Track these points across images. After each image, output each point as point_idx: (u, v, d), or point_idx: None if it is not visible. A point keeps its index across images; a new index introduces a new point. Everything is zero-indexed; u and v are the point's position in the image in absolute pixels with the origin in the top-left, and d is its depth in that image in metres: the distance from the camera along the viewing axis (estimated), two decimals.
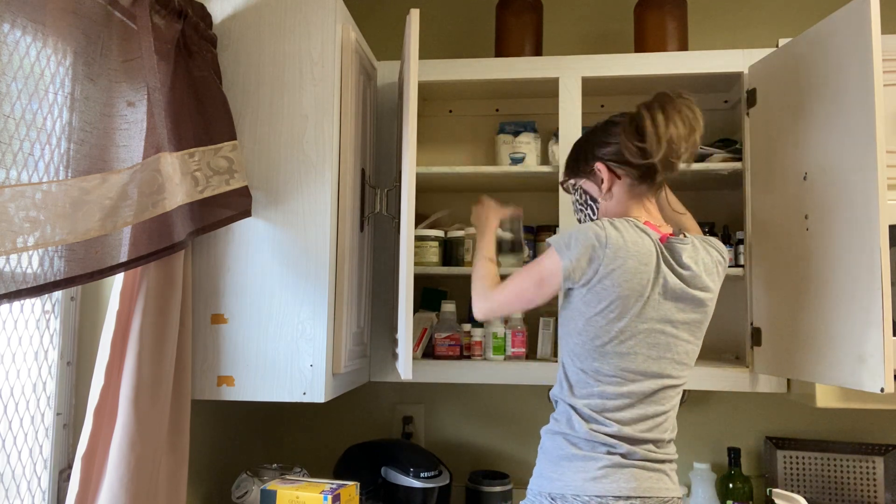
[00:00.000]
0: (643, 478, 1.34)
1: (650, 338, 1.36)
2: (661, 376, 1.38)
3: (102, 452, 1.28)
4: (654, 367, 1.37)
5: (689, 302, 1.38)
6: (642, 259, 1.34)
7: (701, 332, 1.43)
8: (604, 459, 1.34)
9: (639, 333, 1.35)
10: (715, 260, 1.45)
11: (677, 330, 1.38)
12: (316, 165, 1.56)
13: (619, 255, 1.33)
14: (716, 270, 1.44)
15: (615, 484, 1.32)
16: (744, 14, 2.29)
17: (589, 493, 1.32)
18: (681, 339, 1.39)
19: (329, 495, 1.46)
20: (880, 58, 1.39)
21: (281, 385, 1.53)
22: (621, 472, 1.33)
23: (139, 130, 1.24)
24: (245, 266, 1.56)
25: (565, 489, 1.34)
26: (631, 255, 1.33)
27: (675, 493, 1.38)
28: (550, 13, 2.36)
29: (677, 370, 1.40)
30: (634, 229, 1.37)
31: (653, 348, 1.36)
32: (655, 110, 1.37)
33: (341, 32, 1.62)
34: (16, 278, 0.99)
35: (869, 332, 1.39)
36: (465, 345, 2.01)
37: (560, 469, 1.37)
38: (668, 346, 1.37)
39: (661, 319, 1.36)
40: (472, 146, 2.31)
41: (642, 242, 1.35)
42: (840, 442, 2.07)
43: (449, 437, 2.29)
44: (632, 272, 1.33)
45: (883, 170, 1.38)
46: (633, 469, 1.34)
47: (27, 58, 1.04)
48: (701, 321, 1.42)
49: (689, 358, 1.42)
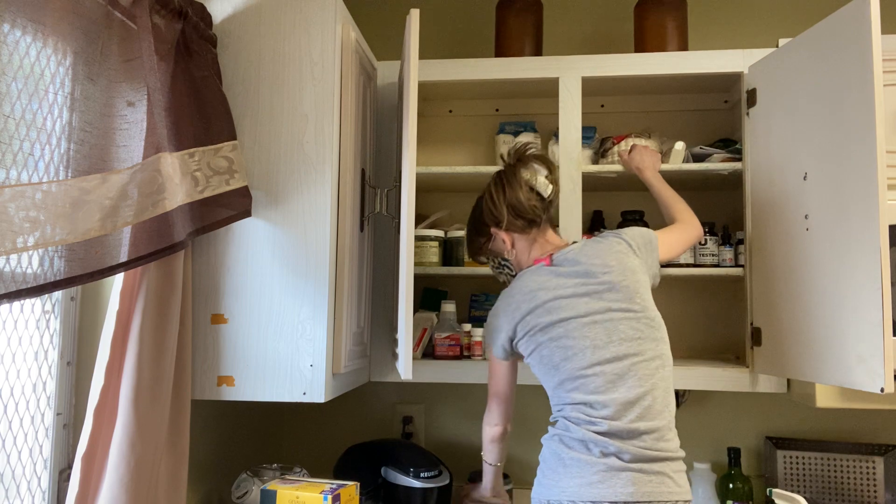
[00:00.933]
0: (642, 482, 1.34)
1: (579, 332, 1.45)
2: (621, 358, 1.42)
3: (102, 452, 1.28)
4: (606, 353, 1.43)
5: (593, 292, 1.48)
6: (529, 292, 1.52)
7: (632, 303, 1.47)
8: (599, 464, 1.35)
9: (570, 334, 1.45)
10: (608, 243, 1.56)
11: (603, 314, 1.46)
12: (316, 165, 1.56)
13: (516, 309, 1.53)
14: (610, 250, 1.53)
15: (611, 489, 1.33)
16: (744, 14, 2.29)
17: (584, 498, 1.34)
18: (614, 320, 1.45)
19: (329, 495, 1.46)
20: (880, 58, 1.39)
21: (281, 385, 1.53)
22: (618, 476, 1.34)
23: (139, 130, 1.24)
24: (245, 266, 1.56)
25: (562, 495, 1.36)
26: (522, 300, 1.52)
27: (680, 497, 1.36)
28: (550, 13, 2.36)
29: (635, 346, 1.43)
30: (520, 279, 1.56)
31: (592, 339, 1.44)
32: (493, 186, 1.62)
33: (341, 32, 1.62)
34: (16, 278, 0.99)
35: (869, 332, 1.39)
36: (465, 345, 2.01)
37: (557, 475, 1.39)
38: (606, 331, 1.44)
39: (579, 315, 1.46)
40: (472, 146, 2.31)
41: (528, 281, 1.54)
42: (840, 442, 2.07)
43: (449, 437, 2.29)
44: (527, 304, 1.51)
45: (883, 170, 1.38)
46: (631, 473, 1.34)
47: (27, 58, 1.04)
48: (625, 298, 1.47)
49: (641, 332, 1.45)
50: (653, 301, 1.52)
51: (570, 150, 1.93)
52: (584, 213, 2.19)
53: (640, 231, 1.61)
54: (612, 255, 1.52)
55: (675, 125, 2.21)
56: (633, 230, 1.61)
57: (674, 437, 1.42)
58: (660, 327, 1.48)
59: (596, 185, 2.13)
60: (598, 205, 2.23)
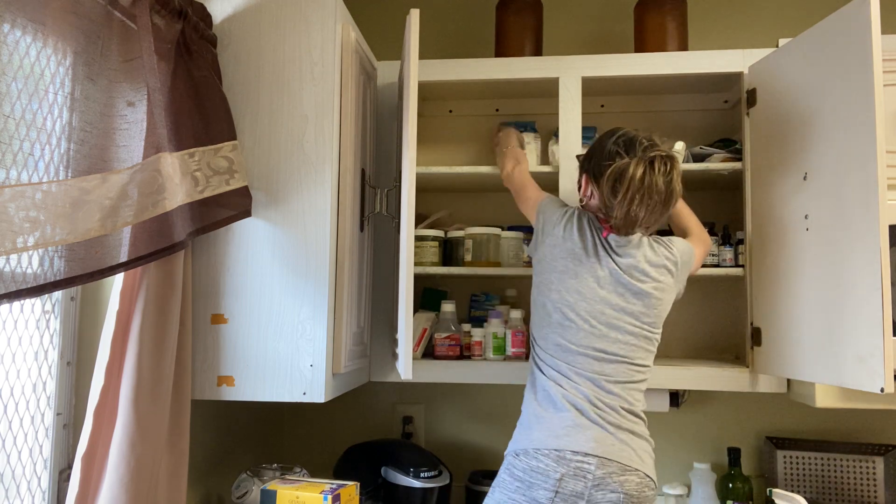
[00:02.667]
0: (605, 441, 1.43)
1: (588, 312, 1.50)
2: (610, 354, 1.49)
3: (102, 452, 1.28)
4: (599, 343, 1.50)
5: (627, 289, 1.51)
6: (577, 240, 1.53)
7: (649, 320, 1.53)
8: (568, 420, 1.45)
9: (578, 308, 1.50)
10: (661, 255, 1.56)
11: (617, 313, 1.50)
12: (316, 165, 1.56)
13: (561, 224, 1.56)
14: (663, 265, 1.55)
15: (574, 441, 1.43)
16: (744, 14, 2.29)
17: (549, 446, 1.43)
18: (623, 321, 1.50)
19: (329, 495, 1.46)
20: (880, 58, 1.39)
21: (281, 385, 1.53)
22: (583, 432, 1.44)
23: (139, 130, 1.24)
24: (245, 266, 1.56)
25: (528, 444, 1.46)
26: (567, 230, 1.54)
27: (640, 467, 1.44)
28: (550, 13, 2.36)
29: (626, 350, 1.50)
30: (586, 217, 1.56)
31: (594, 327, 1.50)
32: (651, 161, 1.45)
33: (341, 32, 1.62)
34: (16, 278, 0.99)
35: (869, 332, 1.39)
36: (465, 345, 2.01)
37: (528, 431, 1.49)
38: (609, 325, 1.50)
39: (600, 300, 1.50)
40: (472, 146, 2.31)
41: (588, 223, 1.55)
42: (840, 442, 2.07)
43: (449, 437, 2.29)
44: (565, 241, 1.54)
45: (883, 170, 1.38)
46: (595, 432, 1.44)
47: (27, 58, 1.04)
48: (644, 310, 1.52)
49: (638, 343, 1.51)
50: (664, 318, 1.57)
51: (570, 150, 1.93)
52: None
53: (687, 248, 1.63)
54: (657, 268, 1.54)
55: (675, 125, 2.21)
56: (682, 246, 1.62)
57: (640, 423, 1.50)
58: (655, 344, 1.56)
59: None
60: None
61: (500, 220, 2.25)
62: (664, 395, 1.98)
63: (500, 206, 2.28)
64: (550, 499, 1.40)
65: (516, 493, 1.44)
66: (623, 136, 1.52)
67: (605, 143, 1.54)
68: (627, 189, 1.44)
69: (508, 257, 2.03)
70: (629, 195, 1.44)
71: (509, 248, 2.03)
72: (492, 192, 2.29)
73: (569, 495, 1.40)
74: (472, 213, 2.29)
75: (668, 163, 1.46)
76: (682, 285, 1.62)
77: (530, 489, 1.42)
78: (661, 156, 1.46)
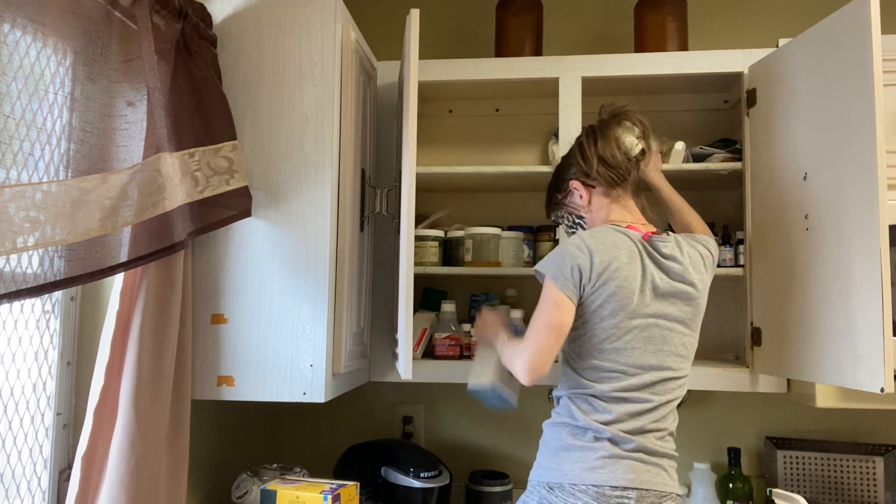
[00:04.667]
0: (640, 470, 1.37)
1: (645, 332, 1.41)
2: (661, 368, 1.42)
3: (102, 452, 1.28)
4: (653, 360, 1.41)
5: (678, 296, 1.44)
6: (625, 259, 1.41)
7: (696, 324, 1.49)
8: (602, 451, 1.37)
9: (633, 328, 1.40)
10: (701, 254, 1.51)
11: (671, 323, 1.43)
12: (316, 165, 1.56)
13: (604, 258, 1.39)
14: (703, 264, 1.51)
15: (612, 474, 1.35)
16: (744, 14, 2.29)
17: (586, 482, 1.35)
18: (676, 331, 1.44)
19: (329, 495, 1.46)
20: (880, 58, 1.39)
21: (281, 385, 1.53)
22: (619, 463, 1.36)
23: (139, 130, 1.24)
24: (245, 266, 1.56)
25: (563, 478, 1.38)
26: (615, 257, 1.40)
27: (673, 489, 1.40)
28: (550, 13, 2.36)
29: (676, 362, 1.44)
30: (613, 231, 1.45)
31: (650, 342, 1.41)
32: (584, 137, 1.59)
33: (341, 32, 1.62)
34: (16, 278, 0.99)
35: (869, 332, 1.39)
36: (465, 345, 2.01)
37: (559, 459, 1.40)
38: (663, 339, 1.42)
39: (654, 314, 1.42)
40: (472, 146, 2.31)
41: (623, 242, 1.43)
42: (840, 442, 2.07)
43: (449, 437, 2.29)
44: (617, 271, 1.40)
45: (883, 170, 1.38)
46: (631, 461, 1.37)
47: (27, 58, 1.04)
48: (693, 314, 1.47)
49: (688, 350, 1.47)
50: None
51: None
52: None
53: (715, 245, 1.59)
54: (702, 270, 1.50)
55: (675, 125, 2.21)
56: (713, 244, 1.58)
57: (672, 441, 1.45)
58: (695, 349, 1.50)
59: None
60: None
61: (500, 220, 2.25)
62: None
63: (500, 206, 2.28)
64: None
65: None
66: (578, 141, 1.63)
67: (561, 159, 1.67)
68: (586, 146, 1.55)
69: (508, 257, 2.03)
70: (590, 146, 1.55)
71: (509, 248, 2.03)
72: (492, 193, 2.29)
73: None
74: (472, 213, 2.29)
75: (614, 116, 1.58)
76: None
77: None
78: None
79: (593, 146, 1.55)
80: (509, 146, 2.28)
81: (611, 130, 1.56)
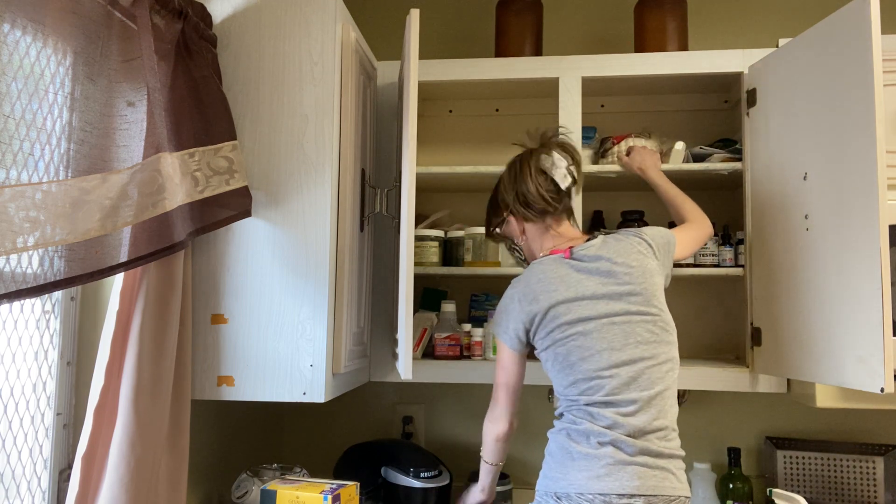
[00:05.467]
0: (647, 476, 1.35)
1: (602, 334, 1.43)
2: (634, 361, 1.42)
3: (102, 452, 1.28)
4: (623, 356, 1.42)
5: (618, 291, 1.46)
6: (555, 285, 1.47)
7: (653, 306, 1.47)
8: (606, 458, 1.36)
9: (590, 334, 1.44)
10: (631, 243, 1.52)
11: (624, 317, 1.44)
12: (316, 165, 1.56)
13: (538, 299, 1.48)
14: (636, 250, 1.51)
15: (619, 482, 1.34)
16: (744, 14, 2.29)
17: (593, 490, 1.35)
18: (633, 322, 1.44)
19: (329, 495, 1.46)
20: (880, 58, 1.39)
21: (281, 385, 1.53)
22: (624, 470, 1.35)
23: (139, 130, 1.24)
24: (245, 266, 1.56)
25: (569, 488, 1.37)
26: (545, 290, 1.48)
27: (682, 493, 1.38)
28: (550, 13, 2.36)
29: (649, 350, 1.43)
30: (538, 267, 1.52)
31: (612, 342, 1.43)
32: (506, 171, 1.63)
33: (341, 32, 1.62)
34: (16, 278, 0.99)
35: (869, 332, 1.39)
36: (465, 345, 2.01)
37: (565, 469, 1.40)
38: (624, 333, 1.43)
39: (603, 315, 1.44)
40: (472, 146, 2.31)
41: (549, 272, 1.50)
42: (840, 442, 2.07)
43: (449, 437, 2.29)
44: (553, 300, 1.46)
45: (883, 170, 1.38)
46: (636, 467, 1.36)
47: (27, 58, 1.04)
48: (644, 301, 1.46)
49: (656, 335, 1.45)
50: (666, 303, 1.51)
51: None
52: (584, 213, 2.19)
53: (660, 232, 1.58)
54: (633, 255, 1.49)
55: (675, 125, 2.21)
56: (652, 230, 1.58)
57: (676, 437, 1.43)
58: (672, 330, 1.49)
59: (596, 185, 2.12)
60: (598, 205, 2.23)
61: None
62: None
63: None
64: None
65: None
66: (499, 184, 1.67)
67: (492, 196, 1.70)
68: (502, 182, 1.61)
69: (508, 257, 2.03)
70: (505, 182, 1.61)
71: None
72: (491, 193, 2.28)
73: None
74: (472, 213, 2.29)
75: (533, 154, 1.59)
76: (668, 269, 1.57)
77: None
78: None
79: (512, 182, 1.60)
80: (509, 146, 2.28)
81: (532, 164, 1.57)
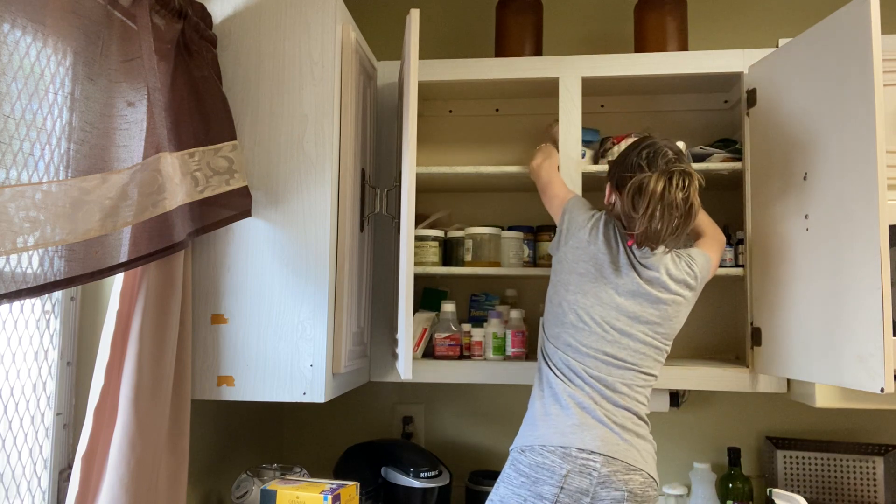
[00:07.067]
0: (610, 440, 1.45)
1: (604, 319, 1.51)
2: (619, 360, 1.50)
3: (102, 452, 1.28)
4: (609, 348, 1.51)
5: (645, 299, 1.52)
6: (601, 246, 1.54)
7: (663, 331, 1.54)
8: (574, 418, 1.46)
9: (594, 312, 1.52)
10: (683, 270, 1.55)
11: (631, 321, 1.51)
12: (316, 165, 1.56)
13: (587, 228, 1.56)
14: (684, 280, 1.55)
15: (580, 439, 1.44)
16: (744, 14, 2.29)
17: (555, 443, 1.44)
18: (636, 330, 1.52)
19: (329, 495, 1.46)
20: (880, 58, 1.39)
21: (281, 385, 1.53)
22: (589, 431, 1.45)
23: (139, 130, 1.24)
24: (245, 266, 1.56)
25: (534, 441, 1.47)
26: (592, 235, 1.55)
27: (645, 468, 1.45)
28: (550, 13, 2.36)
29: (638, 359, 1.52)
30: (610, 221, 1.57)
31: (606, 332, 1.51)
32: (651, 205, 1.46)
33: (341, 32, 1.62)
34: (16, 278, 0.99)
35: (869, 332, 1.39)
36: (465, 345, 2.01)
37: (534, 428, 1.50)
38: (622, 332, 1.51)
39: (616, 307, 1.51)
40: (472, 146, 2.31)
41: (613, 230, 1.55)
42: (840, 442, 2.07)
43: (449, 437, 2.29)
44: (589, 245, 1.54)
45: (883, 170, 1.38)
46: (601, 430, 1.45)
47: (27, 58, 1.04)
48: (659, 321, 1.52)
49: (647, 353, 1.52)
50: (677, 331, 1.58)
51: (570, 150, 1.93)
52: None
53: (706, 263, 1.60)
54: (678, 283, 1.54)
55: (675, 125, 2.21)
56: (702, 262, 1.59)
57: (644, 426, 1.51)
58: (664, 354, 1.57)
59: (596, 185, 2.12)
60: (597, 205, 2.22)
61: (500, 220, 2.25)
62: (664, 394, 1.98)
63: (500, 206, 2.28)
64: (556, 495, 1.41)
65: (521, 488, 1.44)
66: (648, 147, 1.53)
67: (630, 154, 1.56)
68: (647, 204, 1.45)
69: (508, 257, 2.03)
70: (649, 210, 1.45)
71: (509, 248, 2.03)
72: (492, 192, 2.29)
73: (574, 492, 1.41)
74: (472, 213, 2.29)
75: (685, 179, 1.47)
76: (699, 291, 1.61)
77: (535, 485, 1.43)
78: (680, 171, 1.47)
79: (667, 188, 1.47)
80: (509, 146, 2.28)
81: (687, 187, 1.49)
